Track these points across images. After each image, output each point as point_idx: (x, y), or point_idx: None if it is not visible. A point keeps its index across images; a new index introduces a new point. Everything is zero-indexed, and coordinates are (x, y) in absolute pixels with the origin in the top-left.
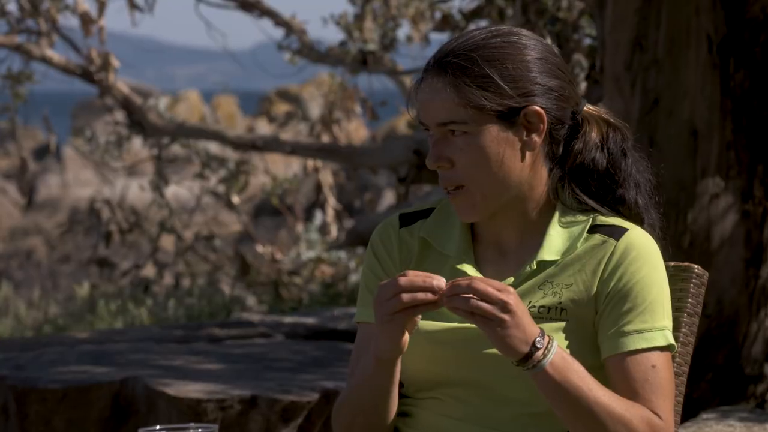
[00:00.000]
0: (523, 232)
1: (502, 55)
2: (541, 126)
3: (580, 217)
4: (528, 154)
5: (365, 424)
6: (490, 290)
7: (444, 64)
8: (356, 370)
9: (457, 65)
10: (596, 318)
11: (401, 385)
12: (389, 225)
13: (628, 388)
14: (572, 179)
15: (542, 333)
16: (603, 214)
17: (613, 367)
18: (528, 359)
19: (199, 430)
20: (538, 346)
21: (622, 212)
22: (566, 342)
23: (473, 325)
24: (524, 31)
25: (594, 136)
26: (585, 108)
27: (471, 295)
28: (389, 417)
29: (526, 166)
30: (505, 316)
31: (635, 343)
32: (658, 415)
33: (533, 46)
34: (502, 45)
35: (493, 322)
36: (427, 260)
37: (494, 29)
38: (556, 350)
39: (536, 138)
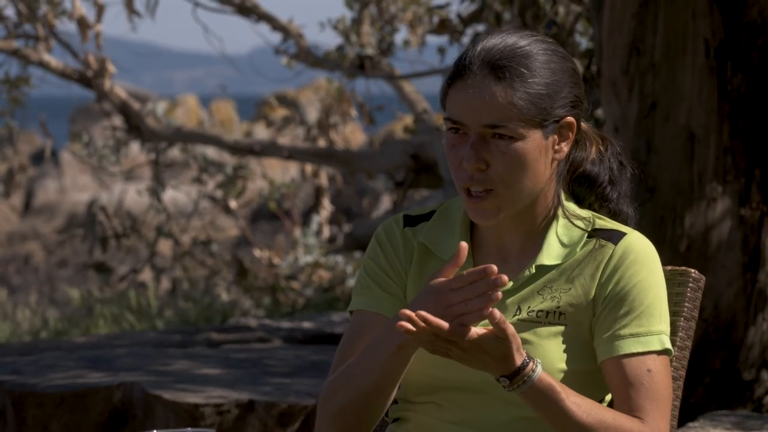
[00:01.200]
0: (525, 238)
1: (550, 64)
2: (571, 135)
3: (580, 223)
4: (554, 162)
5: (361, 409)
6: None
7: (498, 67)
8: (361, 357)
9: (513, 70)
10: (593, 321)
11: (398, 389)
12: (393, 222)
13: (624, 392)
14: (574, 188)
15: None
16: (602, 219)
17: (609, 371)
18: (517, 374)
19: None
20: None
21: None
22: (563, 346)
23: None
24: (551, 40)
25: (593, 150)
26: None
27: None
28: (386, 407)
29: (549, 175)
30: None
31: (631, 346)
32: (647, 423)
33: (568, 56)
34: (547, 54)
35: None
36: (428, 266)
37: (532, 34)
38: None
39: (565, 147)
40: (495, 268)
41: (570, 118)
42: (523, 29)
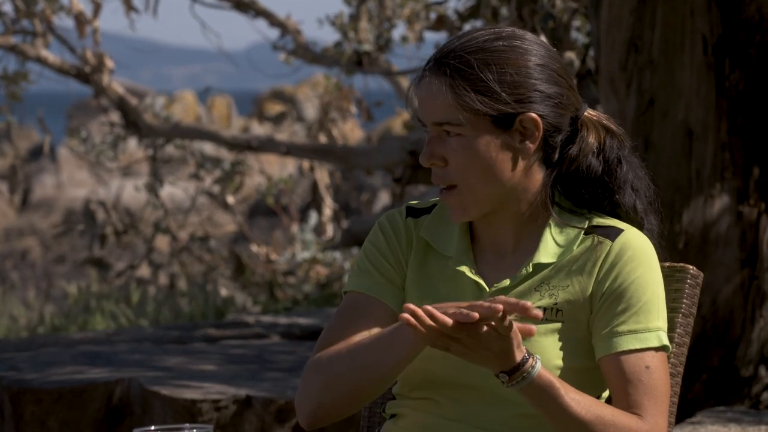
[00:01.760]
0: (519, 235)
1: (502, 60)
2: (537, 133)
3: (577, 220)
4: (521, 159)
5: (353, 389)
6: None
7: (443, 65)
8: (369, 342)
9: (455, 67)
10: (591, 318)
11: (395, 384)
12: (397, 212)
13: (622, 389)
14: (568, 184)
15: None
16: (599, 216)
17: (607, 367)
18: (517, 370)
19: (194, 430)
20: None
21: (621, 216)
22: (561, 343)
23: (460, 312)
24: (528, 35)
25: (591, 141)
26: (585, 113)
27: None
28: (379, 392)
29: (519, 171)
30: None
31: (629, 343)
32: (646, 419)
33: (535, 51)
34: (503, 49)
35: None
36: (428, 260)
37: (497, 31)
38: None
39: (530, 144)
40: (530, 305)
41: (532, 115)
42: (519, 23)
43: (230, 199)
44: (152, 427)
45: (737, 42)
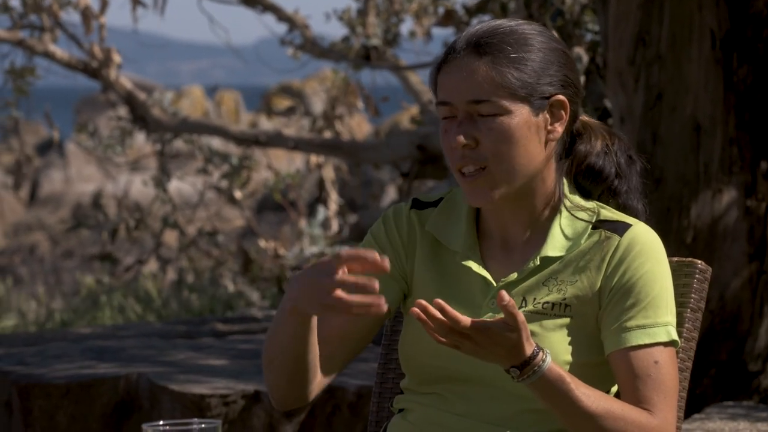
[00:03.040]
0: (529, 229)
1: (535, 43)
2: (564, 116)
3: (583, 215)
4: (548, 143)
5: (280, 368)
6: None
7: (480, 45)
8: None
9: (495, 46)
10: (599, 313)
11: (402, 378)
12: (402, 206)
13: (631, 384)
14: (579, 181)
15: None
16: (607, 210)
17: (616, 363)
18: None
19: (203, 425)
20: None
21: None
22: (569, 338)
23: (479, 320)
24: (542, 26)
25: (598, 143)
26: (582, 117)
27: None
28: (307, 371)
29: (545, 157)
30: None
31: (638, 338)
32: (655, 414)
33: (558, 40)
34: (533, 33)
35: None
36: (438, 257)
37: (519, 21)
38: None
39: (559, 128)
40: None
41: (560, 97)
42: (528, 18)
43: (238, 194)
44: (161, 422)
45: (745, 37)
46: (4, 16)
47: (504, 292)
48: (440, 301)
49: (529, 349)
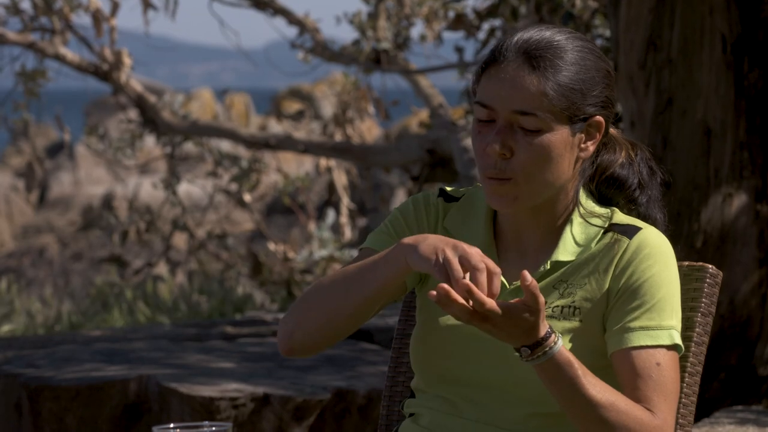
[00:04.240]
0: (544, 235)
1: (586, 62)
2: (598, 136)
3: (598, 220)
4: (578, 161)
5: (332, 310)
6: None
7: (534, 57)
8: (360, 263)
9: (549, 61)
10: (605, 313)
11: (414, 378)
12: (431, 193)
13: (632, 383)
14: (602, 190)
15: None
16: (620, 214)
17: (618, 363)
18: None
19: (214, 428)
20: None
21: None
22: (578, 341)
23: (503, 302)
24: (589, 39)
25: (622, 154)
26: None
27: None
28: (353, 320)
29: (574, 173)
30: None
31: (640, 339)
32: (656, 414)
33: (603, 57)
34: (584, 52)
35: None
36: None
37: (569, 30)
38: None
39: (591, 147)
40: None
41: (599, 118)
42: (540, 24)
43: (247, 197)
44: (171, 425)
45: (756, 41)
46: (16, 18)
47: (527, 273)
48: (467, 281)
49: (543, 330)
